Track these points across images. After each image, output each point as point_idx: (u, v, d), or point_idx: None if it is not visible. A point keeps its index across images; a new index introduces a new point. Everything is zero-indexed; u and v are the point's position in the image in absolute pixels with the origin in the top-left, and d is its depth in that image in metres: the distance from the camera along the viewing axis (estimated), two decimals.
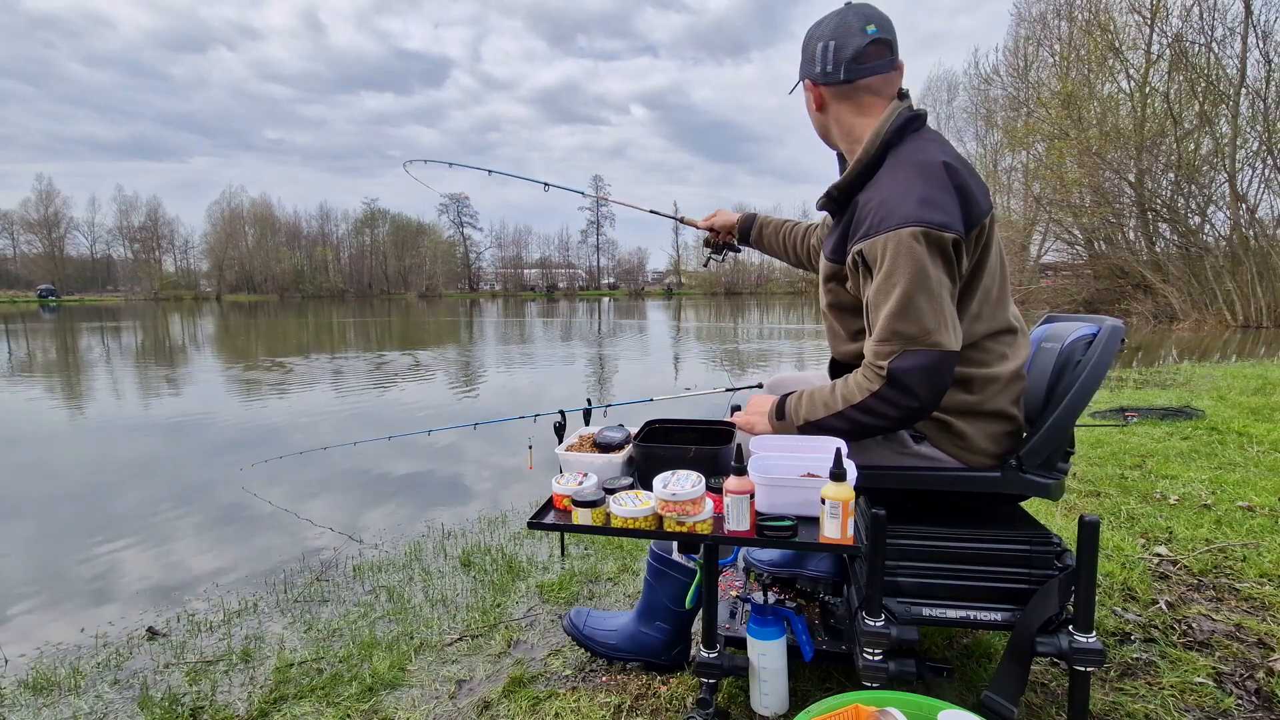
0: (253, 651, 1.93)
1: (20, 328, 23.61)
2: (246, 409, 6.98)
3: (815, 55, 1.30)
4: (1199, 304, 16.65)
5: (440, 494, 3.87)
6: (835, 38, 1.27)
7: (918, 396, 1.13)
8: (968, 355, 1.24)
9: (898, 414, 1.16)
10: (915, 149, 1.23)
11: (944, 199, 1.14)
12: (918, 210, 1.12)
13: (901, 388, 1.13)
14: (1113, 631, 1.72)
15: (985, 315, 1.25)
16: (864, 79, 1.28)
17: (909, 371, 1.11)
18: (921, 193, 1.14)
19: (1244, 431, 3.82)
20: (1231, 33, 16.29)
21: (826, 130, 1.40)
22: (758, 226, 1.94)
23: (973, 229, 1.18)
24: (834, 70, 1.28)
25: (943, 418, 1.27)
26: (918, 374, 1.11)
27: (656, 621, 1.60)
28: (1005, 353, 1.27)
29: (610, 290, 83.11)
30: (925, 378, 1.12)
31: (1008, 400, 1.27)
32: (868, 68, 1.27)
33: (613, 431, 1.55)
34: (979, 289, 1.23)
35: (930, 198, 1.14)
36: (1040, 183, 21.91)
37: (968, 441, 1.27)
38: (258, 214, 76.79)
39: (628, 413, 2.62)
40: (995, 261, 1.26)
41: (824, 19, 1.32)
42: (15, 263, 71.77)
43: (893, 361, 1.12)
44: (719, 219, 1.98)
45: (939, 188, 1.15)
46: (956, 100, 29.92)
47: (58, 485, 4.25)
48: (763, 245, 1.95)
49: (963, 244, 1.15)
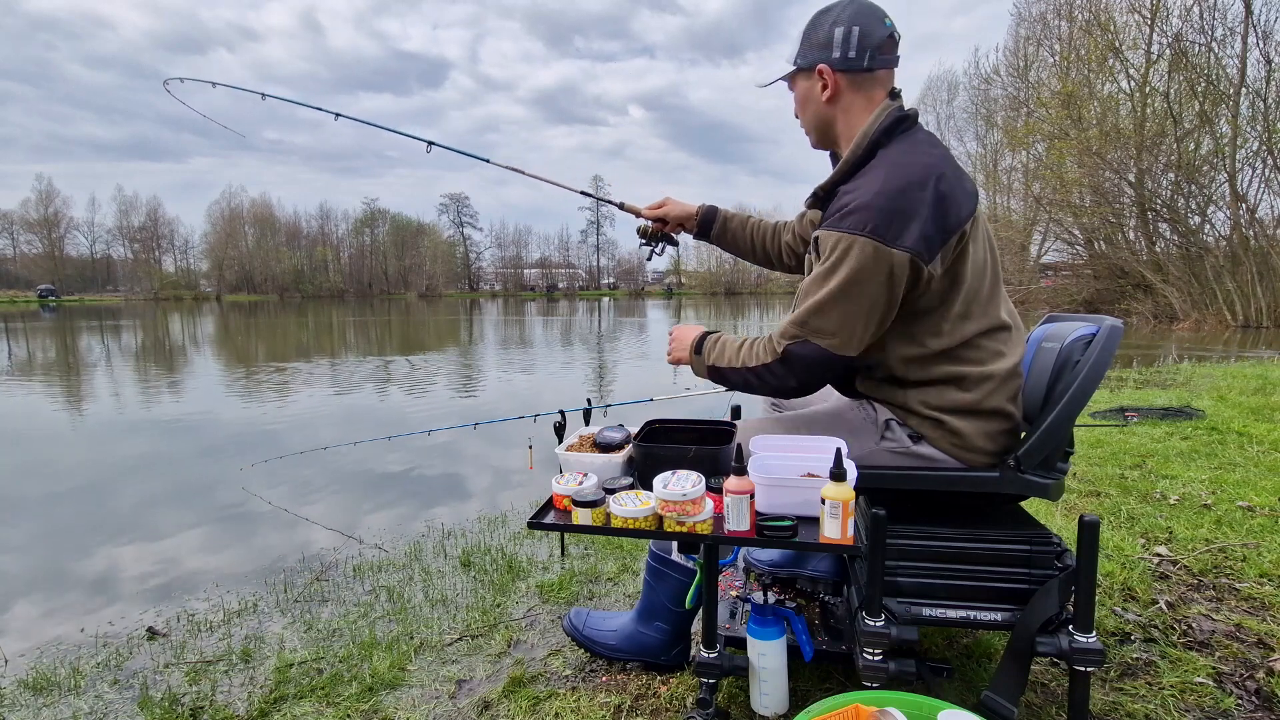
0: (253, 651, 1.93)
1: (20, 327, 23.60)
2: (246, 409, 6.98)
3: (834, 40, 1.25)
4: (1199, 304, 16.65)
5: (440, 494, 3.86)
6: (859, 23, 1.24)
7: (797, 379, 1.23)
8: (960, 354, 1.24)
9: (777, 386, 1.27)
10: (903, 150, 1.22)
11: (914, 211, 1.13)
12: (879, 220, 1.12)
13: (789, 368, 1.22)
14: (1113, 631, 1.72)
15: (975, 314, 1.24)
16: (880, 70, 1.26)
17: (801, 358, 1.20)
18: (891, 203, 1.13)
19: (1244, 431, 3.82)
20: (1231, 33, 16.30)
21: (829, 124, 1.33)
22: (720, 221, 1.79)
23: (951, 236, 1.16)
24: (858, 56, 1.24)
25: (939, 416, 1.26)
26: (807, 363, 1.20)
27: (656, 621, 1.60)
28: (1000, 350, 1.27)
29: (610, 290, 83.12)
30: (809, 368, 1.21)
31: (1004, 398, 1.27)
32: (884, 59, 1.26)
33: (613, 431, 1.55)
34: (963, 290, 1.21)
35: (898, 209, 1.13)
36: (1040, 183, 21.90)
37: (964, 440, 1.26)
38: (257, 214, 76.78)
39: (628, 413, 2.63)
40: (983, 261, 1.25)
41: (834, 5, 1.28)
42: (15, 263, 71.75)
43: (792, 345, 1.21)
44: (671, 209, 1.79)
45: (913, 198, 1.13)
46: (956, 100, 29.93)
47: (58, 485, 4.24)
48: (725, 242, 1.81)
49: (921, 263, 1.14)
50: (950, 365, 1.25)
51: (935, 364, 1.25)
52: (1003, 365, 1.26)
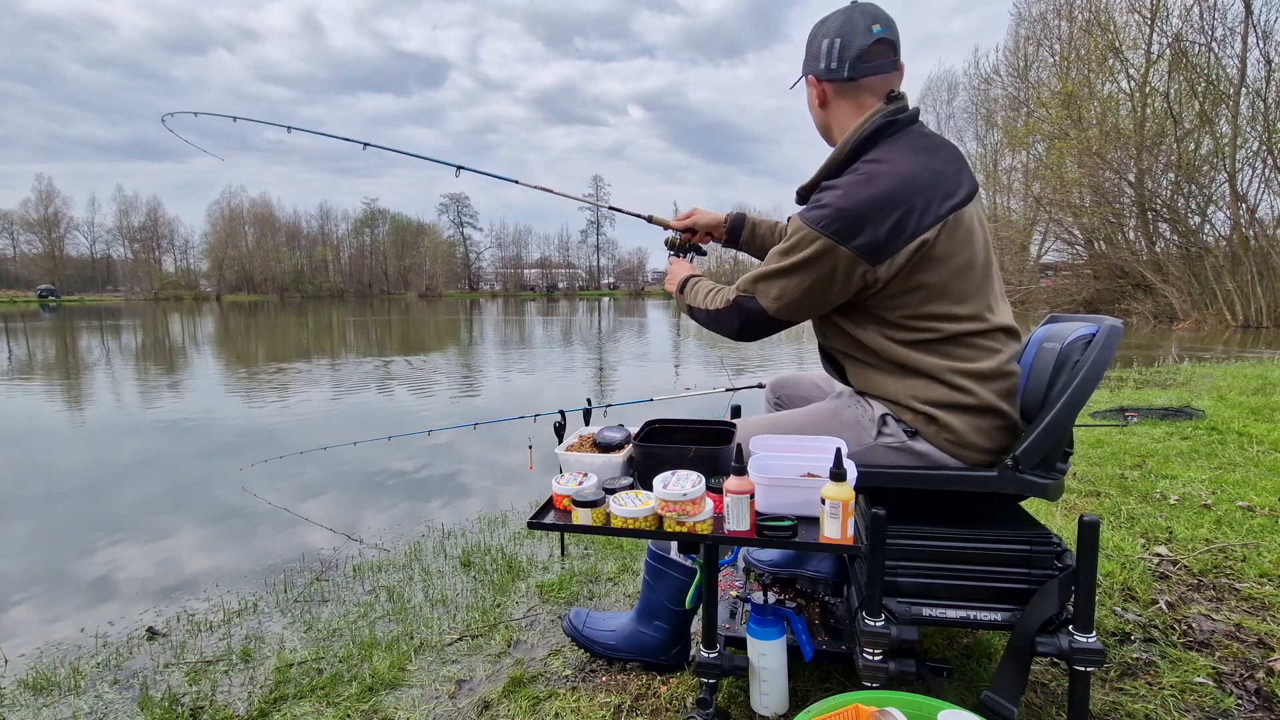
0: (253, 651, 1.93)
1: (20, 327, 23.61)
2: (246, 409, 6.98)
3: (820, 51, 1.34)
4: (1199, 304, 16.66)
5: (440, 494, 3.86)
6: (841, 35, 1.31)
7: (741, 325, 1.39)
8: (945, 349, 1.27)
9: (726, 329, 1.42)
10: (880, 156, 1.26)
11: (870, 219, 1.20)
12: (838, 221, 1.21)
13: (736, 315, 1.38)
14: (1113, 631, 1.72)
15: (963, 315, 1.26)
16: (867, 78, 1.32)
17: (744, 311, 1.37)
18: (852, 207, 1.21)
19: (1244, 431, 3.82)
20: (1231, 33, 16.32)
21: (828, 128, 1.41)
22: (749, 227, 1.82)
23: (904, 244, 1.20)
24: (838, 67, 1.32)
25: (930, 411, 1.28)
26: (749, 314, 1.36)
27: (655, 621, 1.60)
28: (991, 347, 1.28)
29: (610, 290, 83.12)
30: (750, 319, 1.37)
31: (995, 395, 1.27)
32: (871, 66, 1.31)
33: (613, 431, 1.55)
34: (933, 288, 1.24)
35: (856, 215, 1.20)
36: (1040, 183, 21.92)
37: (958, 435, 1.27)
38: (257, 214, 76.81)
39: (628, 412, 2.63)
40: (966, 260, 1.25)
41: (830, 16, 1.35)
42: (15, 263, 71.77)
43: (742, 297, 1.36)
44: (699, 218, 1.82)
45: (874, 207, 1.20)
46: (957, 100, 29.96)
47: (58, 485, 4.24)
48: (754, 247, 1.83)
49: (866, 263, 1.22)
50: (936, 359, 1.27)
51: (919, 357, 1.28)
52: (990, 363, 1.27)
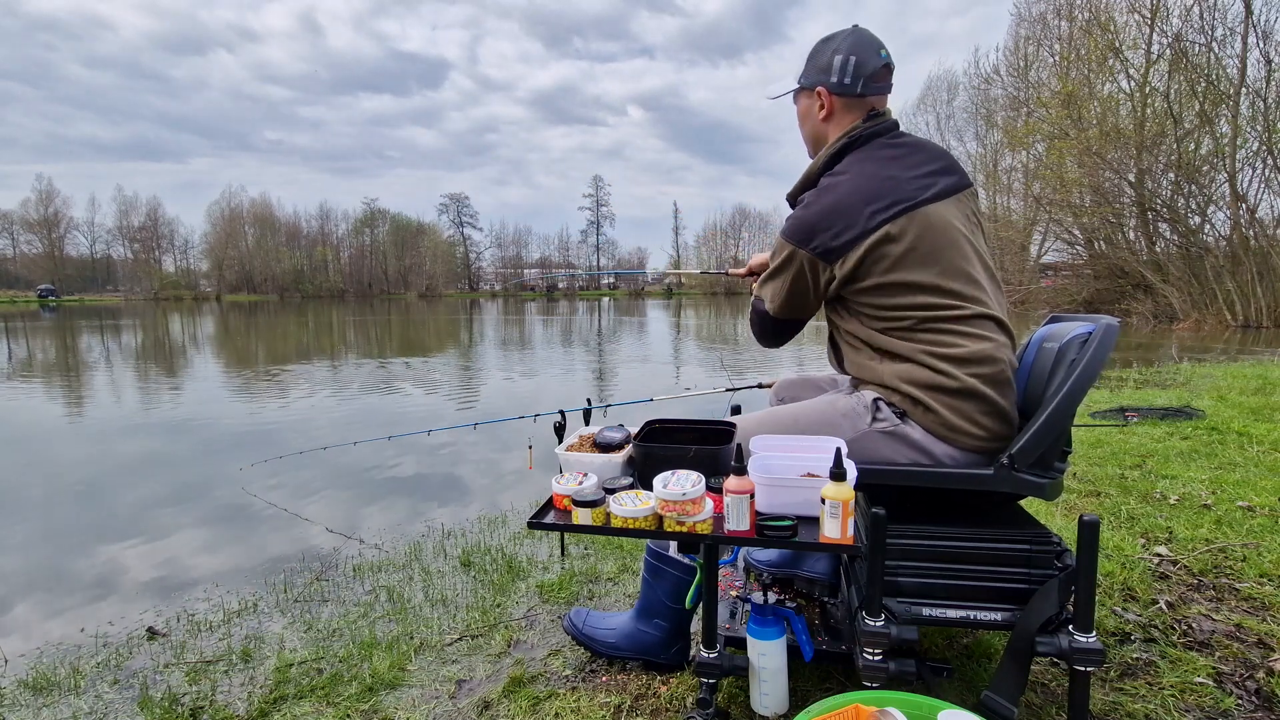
0: (253, 651, 1.93)
1: (20, 327, 23.61)
2: (246, 409, 6.98)
3: (833, 66, 1.43)
4: (1199, 304, 16.65)
5: (440, 494, 3.86)
6: (855, 53, 1.42)
7: (756, 328, 1.60)
8: (917, 335, 1.33)
9: (753, 331, 1.61)
10: (842, 168, 1.39)
11: (823, 226, 1.34)
12: (800, 231, 1.37)
13: (754, 317, 1.59)
14: (1113, 631, 1.72)
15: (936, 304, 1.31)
16: (871, 96, 1.43)
17: (757, 313, 1.57)
18: (807, 216, 1.37)
19: (1244, 431, 3.82)
20: (1231, 33, 16.30)
21: (823, 139, 1.49)
22: None
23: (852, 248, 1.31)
24: (852, 83, 1.42)
25: (915, 394, 1.32)
26: (757, 316, 1.57)
27: (655, 619, 1.60)
28: (972, 332, 1.31)
29: (610, 290, 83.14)
30: (759, 321, 1.57)
31: (975, 380, 1.28)
32: (877, 86, 1.43)
33: (613, 431, 1.55)
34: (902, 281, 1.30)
35: (811, 223, 1.36)
36: (1040, 183, 21.90)
37: (943, 419, 1.30)
38: (257, 214, 76.80)
39: (628, 412, 2.63)
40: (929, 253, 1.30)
41: (836, 35, 1.46)
42: (15, 263, 71.79)
43: (755, 301, 1.58)
44: (756, 261, 1.88)
45: (824, 215, 1.35)
46: (957, 100, 29.95)
47: (57, 485, 4.24)
48: None
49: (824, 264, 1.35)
50: (911, 343, 1.33)
51: (897, 342, 1.35)
52: (970, 347, 1.30)
